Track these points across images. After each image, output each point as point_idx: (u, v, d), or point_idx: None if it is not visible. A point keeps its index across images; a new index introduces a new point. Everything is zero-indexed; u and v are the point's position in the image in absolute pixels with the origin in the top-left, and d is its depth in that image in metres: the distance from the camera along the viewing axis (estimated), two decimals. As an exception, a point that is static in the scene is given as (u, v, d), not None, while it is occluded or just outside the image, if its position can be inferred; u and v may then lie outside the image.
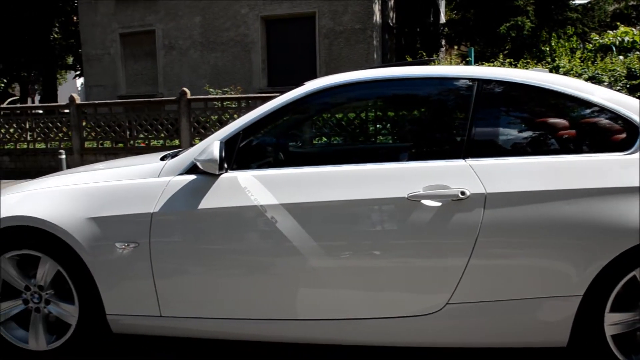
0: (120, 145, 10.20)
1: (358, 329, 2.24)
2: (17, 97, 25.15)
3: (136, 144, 9.96)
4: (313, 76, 9.33)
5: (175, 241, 2.30)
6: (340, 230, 2.19)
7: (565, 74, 7.33)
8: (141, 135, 9.96)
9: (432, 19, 19.31)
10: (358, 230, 2.18)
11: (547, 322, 2.11)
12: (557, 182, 2.08)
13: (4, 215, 2.45)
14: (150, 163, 2.60)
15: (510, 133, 2.36)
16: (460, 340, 2.24)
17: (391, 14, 14.97)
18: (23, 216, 2.42)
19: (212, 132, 2.61)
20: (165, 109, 10.06)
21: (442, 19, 20.79)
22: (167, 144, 9.73)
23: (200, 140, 8.79)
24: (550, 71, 3.03)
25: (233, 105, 9.48)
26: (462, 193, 2.08)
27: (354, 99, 3.06)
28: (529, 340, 2.18)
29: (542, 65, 8.28)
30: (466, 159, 2.18)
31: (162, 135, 9.80)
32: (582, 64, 7.77)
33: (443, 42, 18.36)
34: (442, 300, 2.14)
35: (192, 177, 2.34)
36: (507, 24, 13.86)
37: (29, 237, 2.43)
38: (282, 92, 2.50)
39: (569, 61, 8.05)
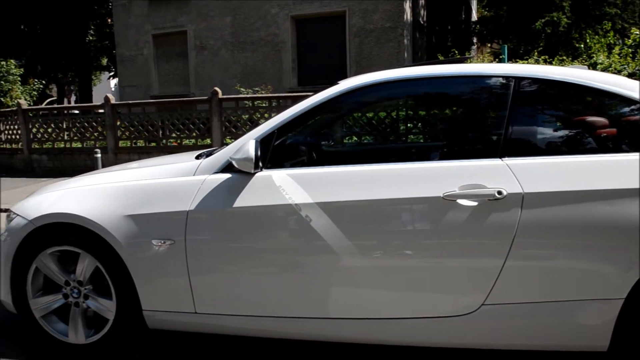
0: (153, 144, 10.37)
1: (392, 329, 2.23)
2: (55, 98, 25.90)
3: (168, 143, 10.12)
4: (343, 75, 9.31)
5: (210, 239, 2.33)
6: (374, 229, 2.18)
7: (604, 70, 7.12)
8: (173, 135, 10.10)
9: (463, 16, 19.05)
10: (392, 229, 2.17)
11: (586, 325, 2.06)
12: (597, 182, 2.02)
13: (45, 212, 2.53)
14: (185, 162, 2.63)
15: (548, 132, 2.30)
16: (495, 342, 2.20)
17: (422, 11, 14.83)
18: (63, 213, 2.49)
19: (244, 131, 2.63)
20: (197, 109, 10.19)
21: (474, 17, 20.49)
22: (198, 143, 9.85)
23: (232, 139, 8.85)
24: (588, 68, 2.95)
25: (264, 105, 9.54)
26: (499, 193, 2.05)
27: (389, 97, 3.05)
28: (567, 343, 2.12)
29: (578, 61, 8.07)
30: (503, 158, 2.14)
31: (194, 134, 9.93)
32: (621, 60, 7.53)
33: (475, 40, 18.09)
34: (478, 301, 2.11)
35: (228, 175, 2.36)
36: (543, 20, 13.55)
37: (69, 233, 2.50)
38: (313, 92, 2.49)
39: (608, 57, 7.80)
